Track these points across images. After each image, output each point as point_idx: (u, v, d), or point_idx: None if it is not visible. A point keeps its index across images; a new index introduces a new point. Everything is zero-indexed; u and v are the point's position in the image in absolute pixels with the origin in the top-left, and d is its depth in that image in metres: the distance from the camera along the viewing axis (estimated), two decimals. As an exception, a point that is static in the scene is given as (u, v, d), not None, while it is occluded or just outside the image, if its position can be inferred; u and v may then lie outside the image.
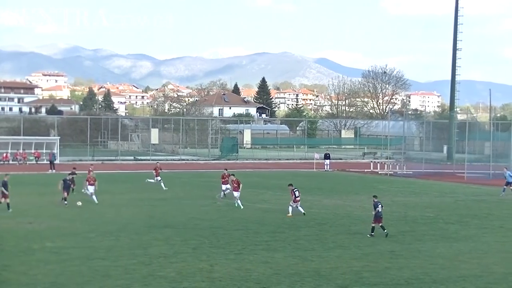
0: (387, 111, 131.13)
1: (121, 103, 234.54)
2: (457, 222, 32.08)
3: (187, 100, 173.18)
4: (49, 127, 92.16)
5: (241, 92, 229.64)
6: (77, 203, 34.51)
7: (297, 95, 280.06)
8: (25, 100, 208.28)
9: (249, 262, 21.95)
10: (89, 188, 36.82)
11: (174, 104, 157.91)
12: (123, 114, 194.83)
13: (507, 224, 31.87)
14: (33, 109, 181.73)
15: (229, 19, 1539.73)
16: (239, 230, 28.38)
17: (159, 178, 44.03)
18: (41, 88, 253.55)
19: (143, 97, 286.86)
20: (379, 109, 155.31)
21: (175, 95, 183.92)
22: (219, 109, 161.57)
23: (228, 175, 38.68)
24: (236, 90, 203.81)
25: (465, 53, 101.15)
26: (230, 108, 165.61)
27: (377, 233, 27.06)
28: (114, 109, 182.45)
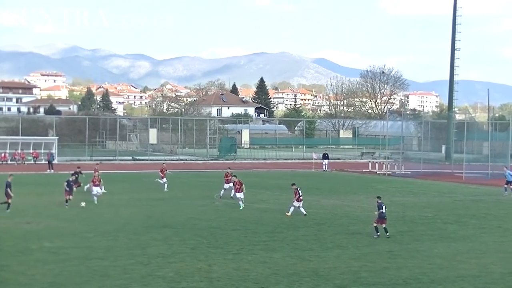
0: (385, 111, 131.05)
1: (119, 103, 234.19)
2: (455, 222, 32.10)
3: (186, 100, 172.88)
4: (47, 127, 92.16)
5: (240, 92, 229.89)
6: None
7: (295, 95, 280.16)
8: (24, 100, 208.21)
9: (247, 262, 21.95)
10: (94, 189, 36.86)
11: (172, 104, 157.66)
12: (122, 114, 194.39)
13: (505, 224, 31.89)
14: (32, 109, 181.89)
15: (227, 19, 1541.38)
16: (237, 230, 28.38)
17: (165, 179, 43.75)
18: (40, 88, 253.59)
19: (141, 97, 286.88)
20: (377, 109, 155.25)
21: (174, 95, 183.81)
22: (217, 109, 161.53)
23: (231, 174, 38.79)
24: (234, 90, 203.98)
25: (463, 53, 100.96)
26: (228, 108, 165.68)
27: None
28: (112, 109, 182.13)
